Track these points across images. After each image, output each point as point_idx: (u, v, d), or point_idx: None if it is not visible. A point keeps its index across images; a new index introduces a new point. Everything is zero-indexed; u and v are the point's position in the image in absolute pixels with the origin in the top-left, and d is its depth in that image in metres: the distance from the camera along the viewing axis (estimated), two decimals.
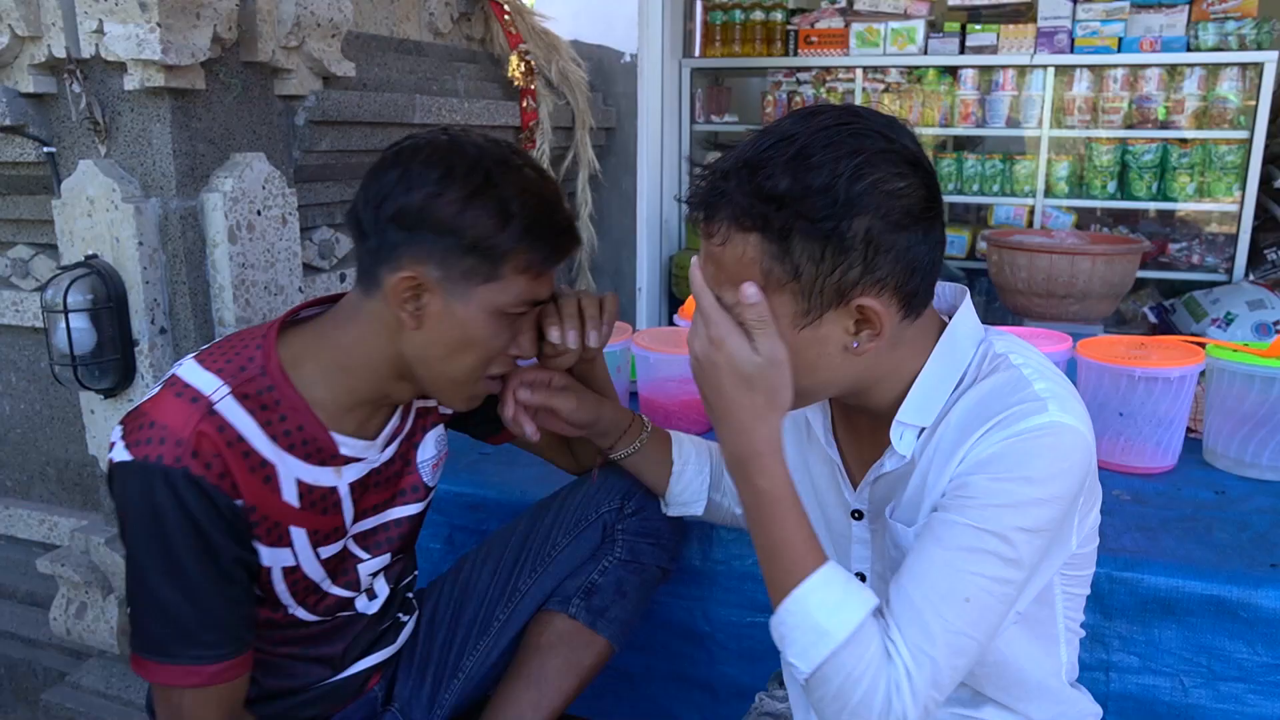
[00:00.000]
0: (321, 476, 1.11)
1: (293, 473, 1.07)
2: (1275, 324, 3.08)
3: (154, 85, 1.48)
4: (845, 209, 0.84)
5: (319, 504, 1.11)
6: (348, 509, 1.15)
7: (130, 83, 1.49)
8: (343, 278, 2.08)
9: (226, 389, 1.02)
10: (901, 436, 0.97)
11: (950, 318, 0.99)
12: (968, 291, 1.04)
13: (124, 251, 1.57)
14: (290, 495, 1.08)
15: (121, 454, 1.00)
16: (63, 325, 1.55)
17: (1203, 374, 1.68)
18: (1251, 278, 3.42)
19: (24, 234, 1.91)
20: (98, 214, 1.58)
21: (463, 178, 1.01)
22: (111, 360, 1.61)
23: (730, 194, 0.88)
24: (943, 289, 1.04)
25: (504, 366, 1.13)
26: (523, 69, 2.48)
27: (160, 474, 0.97)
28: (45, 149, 1.63)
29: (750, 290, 0.88)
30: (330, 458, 1.11)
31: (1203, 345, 1.67)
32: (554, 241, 1.08)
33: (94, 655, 1.93)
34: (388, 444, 1.19)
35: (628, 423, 1.32)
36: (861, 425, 1.04)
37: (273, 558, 1.09)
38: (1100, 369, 1.64)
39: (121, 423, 1.02)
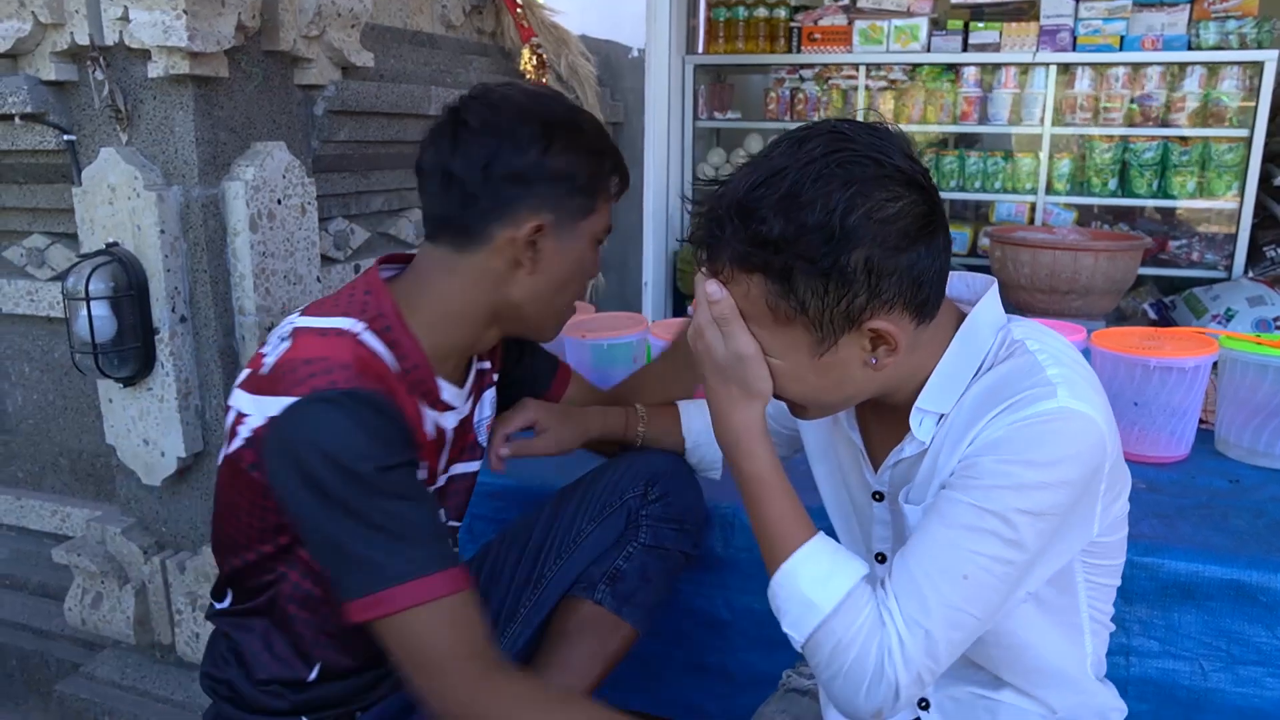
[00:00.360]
0: (435, 417, 1.15)
1: (422, 407, 1.11)
2: (1275, 320, 3.11)
3: (178, 73, 1.48)
4: (842, 243, 0.85)
5: (437, 441, 1.16)
6: (444, 455, 1.19)
7: (154, 70, 1.49)
8: (357, 268, 2.08)
9: (362, 324, 1.05)
10: (921, 423, 0.99)
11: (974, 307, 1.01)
12: (995, 282, 1.05)
13: (145, 239, 1.58)
14: (429, 426, 1.12)
15: (281, 403, 0.99)
16: (84, 313, 1.55)
17: (1215, 365, 1.69)
18: (1251, 274, 3.45)
19: (40, 223, 1.91)
20: (119, 202, 1.58)
21: (560, 128, 1.09)
22: (132, 348, 1.61)
23: (727, 239, 0.90)
24: (973, 280, 1.06)
25: (584, 292, 1.24)
26: (535, 62, 2.48)
27: (334, 399, 0.97)
28: (65, 137, 1.63)
29: (712, 288, 0.91)
30: (436, 401, 1.14)
31: (1216, 336, 1.69)
32: (625, 170, 1.20)
33: (108, 646, 1.93)
34: (468, 397, 1.23)
35: (620, 428, 1.40)
36: (885, 411, 1.06)
37: None
38: (1115, 359, 1.66)
39: (261, 390, 1.01)
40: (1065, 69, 3.60)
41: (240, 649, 1.16)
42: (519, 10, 2.56)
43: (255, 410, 1.01)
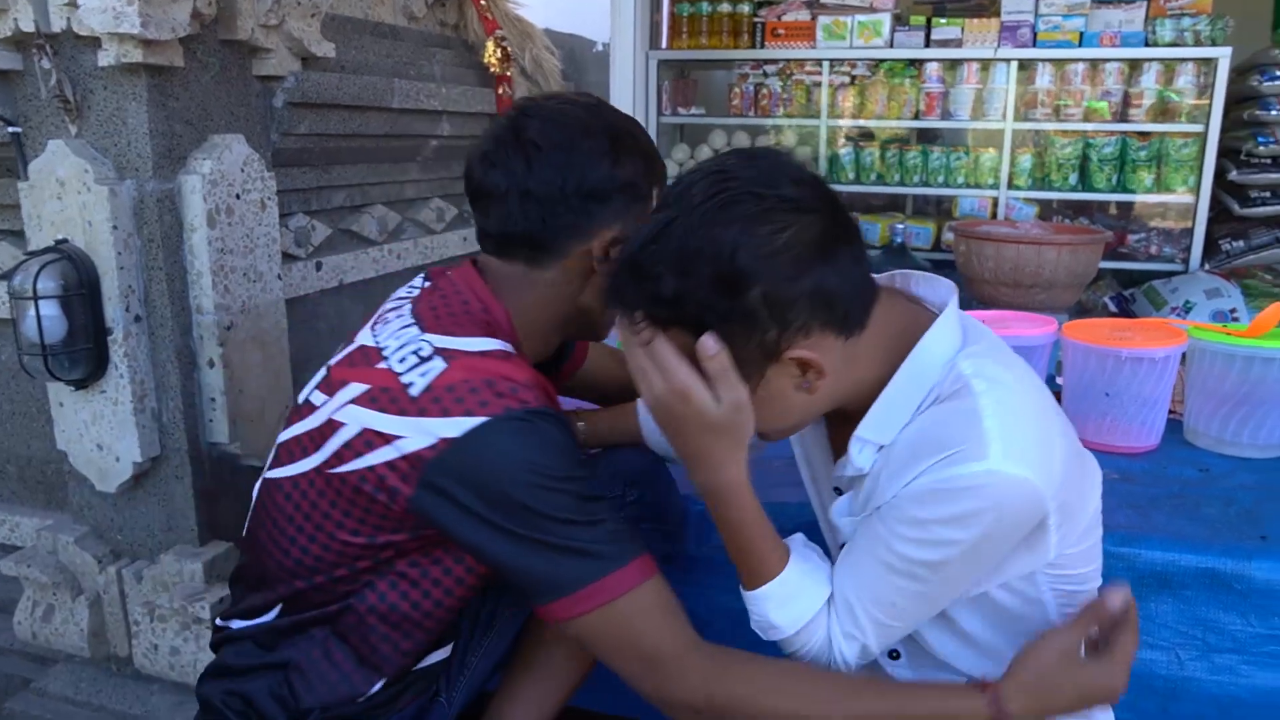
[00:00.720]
0: None
1: None
2: (1232, 312, 3.17)
3: (130, 61, 1.42)
4: (737, 285, 0.86)
5: None
6: None
7: (105, 58, 1.43)
8: (318, 266, 2.03)
9: (509, 345, 1.06)
10: (861, 450, 0.98)
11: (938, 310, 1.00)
12: (955, 291, 1.03)
13: (97, 236, 1.52)
14: None
15: (462, 424, 0.96)
16: (32, 313, 1.49)
17: (1183, 356, 1.70)
18: (1207, 267, 3.50)
19: None
20: (68, 196, 1.51)
21: (624, 140, 1.12)
22: (83, 350, 1.55)
23: (632, 299, 0.92)
24: (935, 284, 1.05)
25: None
26: (499, 55, 2.44)
27: (528, 419, 0.97)
28: (10, 129, 1.56)
29: (709, 343, 0.89)
30: None
31: (1184, 327, 1.70)
32: (664, 165, 1.23)
33: (61, 660, 1.86)
34: None
35: None
36: (843, 415, 1.05)
37: None
38: (1086, 350, 1.66)
39: (418, 412, 0.98)
40: (1026, 65, 3.63)
41: (292, 662, 1.09)
42: (482, 3, 2.52)
43: (412, 432, 0.97)
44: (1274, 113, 3.41)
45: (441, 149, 2.39)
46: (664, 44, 4.03)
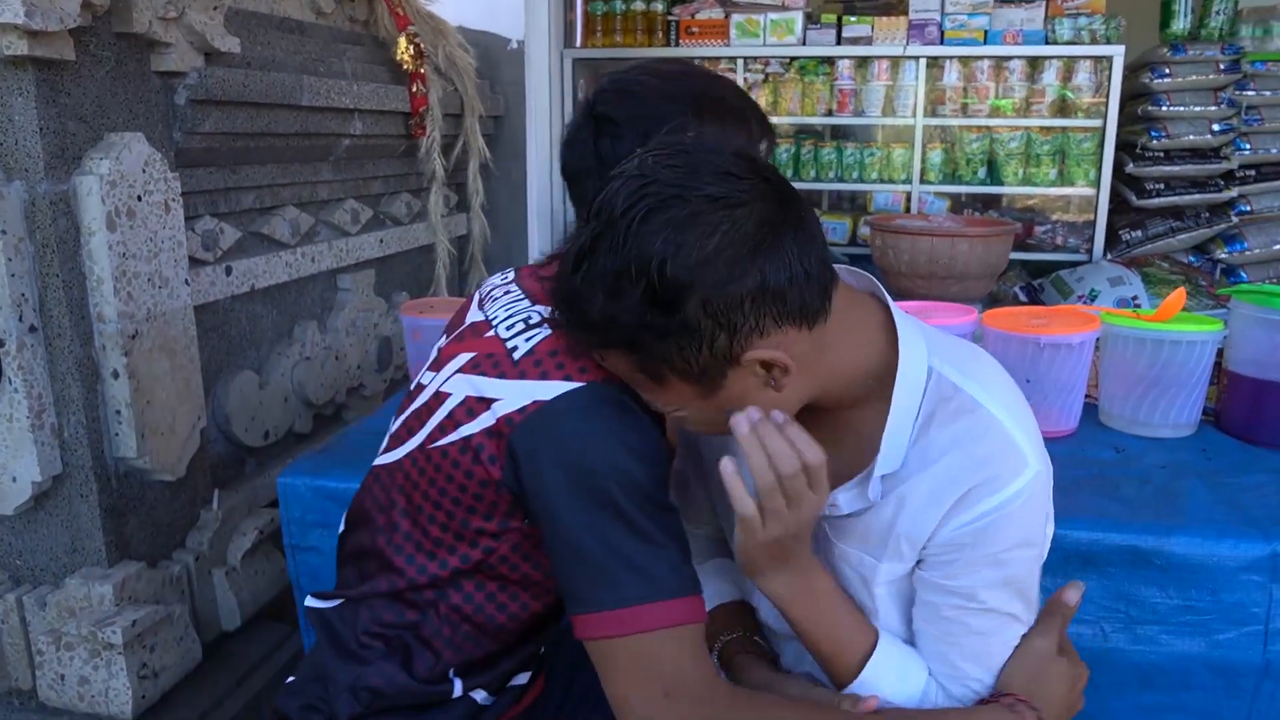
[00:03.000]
0: None
1: None
2: (1134, 298, 3.30)
3: (15, 54, 1.33)
4: (672, 301, 0.79)
5: None
6: None
7: None
8: (228, 270, 1.94)
9: None
10: (873, 485, 0.93)
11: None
12: (875, 285, 0.99)
13: None
14: None
15: (556, 387, 0.90)
16: None
17: (1097, 341, 1.76)
18: (1110, 257, 3.65)
19: None
20: None
21: (707, 105, 1.07)
22: None
23: (571, 326, 0.87)
24: (860, 275, 1.01)
25: None
26: (411, 52, 2.38)
27: (622, 397, 0.90)
28: None
29: (755, 414, 0.86)
30: None
31: (1096, 313, 1.76)
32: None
33: None
34: None
35: None
36: (816, 415, 0.98)
37: None
38: (1007, 338, 1.70)
39: (517, 374, 0.93)
40: (934, 62, 3.72)
41: (374, 655, 1.03)
42: None
43: (509, 394, 0.91)
44: (1165, 108, 3.56)
45: (354, 148, 2.32)
46: (578, 42, 4.00)
